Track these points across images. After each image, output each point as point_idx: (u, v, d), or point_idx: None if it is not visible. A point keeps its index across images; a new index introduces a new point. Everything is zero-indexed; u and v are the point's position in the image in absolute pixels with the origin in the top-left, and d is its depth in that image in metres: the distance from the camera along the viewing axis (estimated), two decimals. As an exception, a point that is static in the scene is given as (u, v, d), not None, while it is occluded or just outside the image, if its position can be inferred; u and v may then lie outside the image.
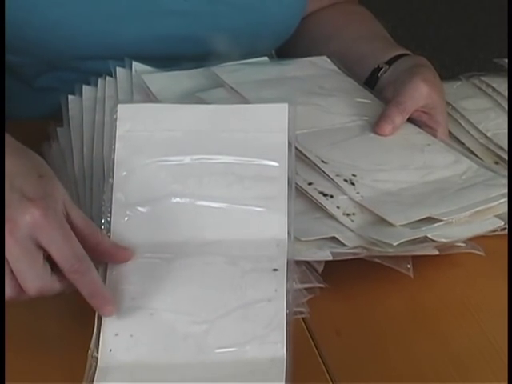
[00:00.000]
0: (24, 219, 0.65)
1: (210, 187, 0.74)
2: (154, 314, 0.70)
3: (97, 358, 0.68)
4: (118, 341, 0.68)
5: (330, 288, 0.76)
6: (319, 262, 0.77)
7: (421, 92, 0.92)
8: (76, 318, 0.73)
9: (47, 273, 0.66)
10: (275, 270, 0.71)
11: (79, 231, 0.68)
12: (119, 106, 0.75)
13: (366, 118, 0.93)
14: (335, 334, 0.75)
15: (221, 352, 0.69)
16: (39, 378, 0.69)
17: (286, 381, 0.66)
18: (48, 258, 0.66)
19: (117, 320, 0.69)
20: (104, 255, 0.70)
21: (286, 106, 0.77)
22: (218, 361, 0.68)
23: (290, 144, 0.76)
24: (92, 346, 0.68)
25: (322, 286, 0.76)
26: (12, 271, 0.65)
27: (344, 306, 0.77)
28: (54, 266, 0.67)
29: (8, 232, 0.64)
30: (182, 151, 0.75)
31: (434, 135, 0.93)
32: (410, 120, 0.94)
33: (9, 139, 0.70)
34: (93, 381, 0.66)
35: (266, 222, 0.73)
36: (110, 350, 0.68)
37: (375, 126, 0.91)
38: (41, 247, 0.66)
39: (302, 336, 0.74)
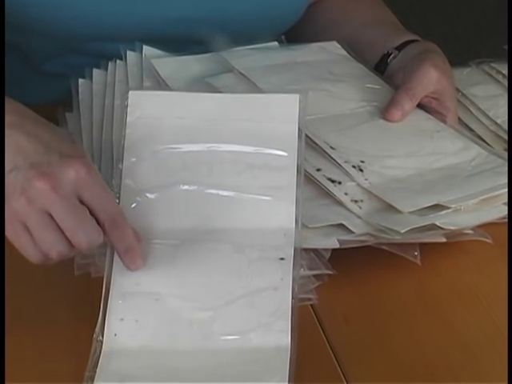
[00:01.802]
0: (67, 176, 0.65)
1: (220, 175, 0.74)
2: (159, 300, 0.69)
3: (101, 342, 0.68)
4: (123, 326, 0.68)
5: (338, 275, 0.75)
6: (326, 248, 0.76)
7: (430, 78, 0.91)
8: (82, 303, 0.73)
9: (95, 225, 0.66)
10: (282, 259, 0.71)
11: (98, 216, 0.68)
12: (130, 92, 0.75)
13: (375, 103, 0.92)
14: (343, 321, 0.74)
15: (225, 339, 0.68)
16: (44, 361, 0.69)
17: (290, 370, 0.65)
18: None
19: (122, 305, 0.69)
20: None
21: (297, 96, 0.76)
22: (222, 348, 0.68)
23: (300, 133, 0.75)
24: (97, 330, 0.68)
25: (330, 272, 0.75)
26: (58, 229, 0.65)
27: (352, 292, 0.77)
28: None
29: (51, 189, 0.64)
30: (193, 139, 0.74)
31: (444, 121, 0.92)
32: (420, 106, 0.93)
33: (33, 113, 0.70)
34: (97, 365, 0.66)
35: (274, 211, 0.73)
36: (115, 335, 0.68)
37: (384, 111, 0.90)
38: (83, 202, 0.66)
39: (311, 322, 0.73)
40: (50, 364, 0.69)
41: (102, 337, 0.68)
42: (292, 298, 0.69)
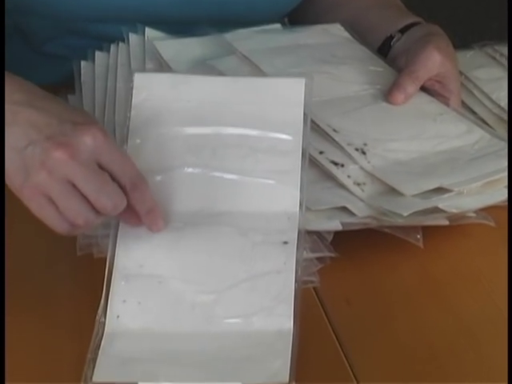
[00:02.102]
0: (85, 143, 0.65)
1: (224, 159, 0.73)
2: (162, 282, 0.69)
3: (104, 323, 0.67)
4: (125, 307, 0.68)
5: (341, 258, 0.75)
6: (329, 231, 0.76)
7: (434, 61, 0.91)
8: (84, 284, 0.73)
9: (118, 189, 0.66)
10: (285, 242, 0.71)
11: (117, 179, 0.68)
12: (136, 74, 0.75)
13: (378, 86, 0.92)
14: (345, 303, 0.74)
15: (228, 323, 0.68)
16: (46, 342, 0.69)
17: (292, 353, 0.65)
18: None
19: (125, 287, 0.69)
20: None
21: (303, 80, 0.76)
22: (224, 331, 0.68)
23: (305, 116, 0.75)
24: (100, 311, 0.68)
25: (332, 255, 0.75)
26: (82, 196, 0.65)
27: (354, 275, 0.77)
28: None
29: (70, 157, 0.64)
30: (198, 122, 0.74)
31: (447, 104, 0.92)
32: (423, 89, 0.92)
33: (39, 89, 0.70)
34: (99, 347, 0.66)
35: (278, 195, 0.72)
36: (118, 317, 0.68)
37: (387, 94, 0.90)
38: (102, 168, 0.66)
39: (313, 305, 0.73)
40: (52, 345, 0.68)
41: (105, 319, 0.68)
42: (295, 282, 0.69)
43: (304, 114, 0.75)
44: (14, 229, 0.66)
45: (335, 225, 0.76)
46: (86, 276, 0.73)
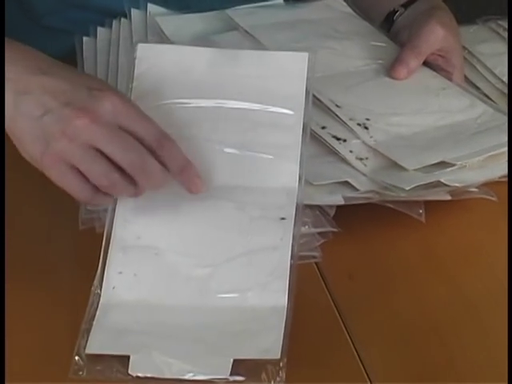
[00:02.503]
0: (104, 107, 0.64)
1: (225, 132, 0.73)
2: (158, 254, 0.69)
3: (99, 294, 0.67)
4: (121, 279, 0.68)
5: (343, 232, 0.75)
6: (331, 206, 0.76)
7: (437, 35, 0.91)
8: (86, 258, 0.72)
9: (143, 148, 0.65)
10: (283, 218, 0.70)
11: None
12: (139, 45, 0.75)
13: (380, 61, 0.91)
14: (347, 278, 0.74)
15: (223, 297, 0.68)
16: (43, 312, 0.69)
17: (285, 330, 0.65)
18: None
19: (122, 258, 0.69)
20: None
21: (306, 54, 0.75)
22: (219, 305, 0.67)
23: (307, 91, 0.74)
24: (95, 282, 0.68)
25: (334, 230, 0.75)
26: (107, 158, 0.64)
27: (356, 250, 0.76)
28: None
29: (91, 122, 0.64)
30: (199, 94, 0.74)
31: (450, 79, 0.92)
32: (426, 64, 0.92)
33: (47, 56, 0.70)
34: (94, 317, 0.66)
35: (278, 170, 0.72)
36: (113, 288, 0.68)
37: (390, 69, 0.90)
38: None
39: (315, 280, 0.73)
40: (49, 316, 0.69)
41: (100, 290, 0.67)
42: (291, 259, 0.69)
43: (306, 88, 0.74)
44: (15, 205, 0.66)
45: (337, 199, 0.76)
46: (87, 251, 0.72)
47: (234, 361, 0.63)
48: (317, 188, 0.76)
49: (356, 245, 0.77)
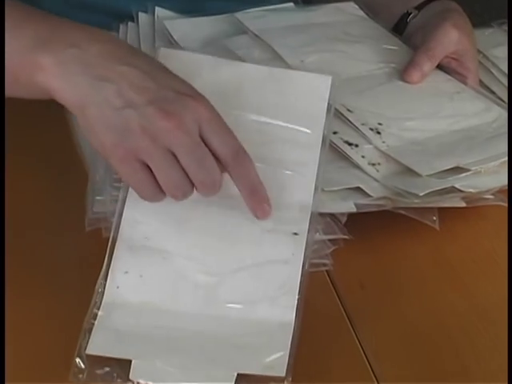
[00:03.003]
0: (189, 112, 0.63)
1: (243, 143, 0.71)
2: (166, 258, 0.68)
3: (103, 293, 0.66)
4: (126, 279, 0.67)
5: (354, 240, 0.74)
6: (342, 213, 0.75)
7: (451, 38, 0.90)
8: (92, 261, 0.71)
9: (216, 165, 0.65)
10: (295, 234, 0.70)
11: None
12: (162, 49, 0.74)
13: (393, 65, 0.91)
14: (359, 287, 0.73)
15: (230, 307, 0.67)
16: (44, 314, 0.68)
17: (291, 346, 0.64)
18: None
19: (128, 257, 0.68)
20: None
21: (329, 78, 0.75)
22: (225, 315, 0.67)
23: (329, 110, 0.74)
24: (99, 281, 0.67)
25: (346, 237, 0.74)
26: (182, 169, 0.64)
27: (368, 258, 0.76)
28: None
29: (175, 127, 0.62)
30: (220, 104, 0.72)
31: (464, 82, 0.91)
32: (440, 67, 0.91)
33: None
34: (96, 316, 0.65)
35: (293, 185, 0.71)
36: (118, 287, 0.67)
37: (403, 73, 0.89)
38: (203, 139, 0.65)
39: (326, 289, 0.72)
40: (51, 317, 0.68)
41: (104, 288, 0.67)
42: (301, 275, 0.68)
43: (328, 106, 0.74)
44: (17, 205, 0.65)
45: (349, 206, 0.75)
46: (92, 252, 0.71)
47: (238, 375, 0.62)
48: (328, 194, 0.75)
49: (368, 253, 0.76)
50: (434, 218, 0.76)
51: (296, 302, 0.67)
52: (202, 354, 0.64)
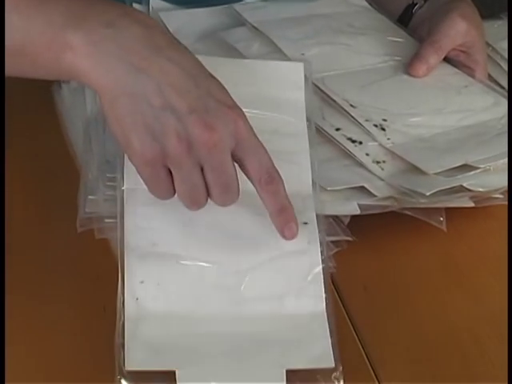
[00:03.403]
0: (228, 127, 0.63)
1: None
2: (180, 262, 0.68)
3: (123, 307, 0.66)
4: (144, 289, 0.67)
5: (358, 241, 0.74)
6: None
7: (458, 29, 0.90)
8: (86, 263, 0.72)
9: (238, 186, 0.65)
10: (305, 223, 0.70)
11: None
12: None
13: (398, 58, 0.91)
14: (362, 290, 0.73)
15: (256, 304, 0.67)
16: (45, 321, 0.68)
17: (332, 336, 0.65)
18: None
19: (140, 266, 0.67)
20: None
21: (301, 64, 0.77)
22: (254, 314, 0.67)
23: (308, 91, 0.75)
24: (119, 295, 0.66)
25: (349, 239, 0.74)
26: (205, 185, 0.64)
27: (372, 260, 0.75)
28: None
29: (214, 144, 0.62)
30: None
31: (472, 76, 0.91)
32: (447, 60, 0.91)
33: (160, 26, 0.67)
34: (123, 332, 0.64)
35: (290, 176, 0.70)
36: (137, 299, 0.66)
37: (408, 66, 0.89)
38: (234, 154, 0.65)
39: (328, 291, 0.71)
40: (51, 324, 0.68)
41: (123, 302, 0.66)
42: (322, 263, 0.69)
43: (305, 93, 0.75)
44: (8, 203, 0.65)
45: (353, 208, 0.75)
46: (85, 257, 0.72)
47: (287, 371, 0.63)
48: (331, 194, 0.75)
49: (372, 254, 0.76)
50: (441, 219, 0.76)
51: (323, 290, 0.67)
52: (243, 355, 0.64)
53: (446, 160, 0.78)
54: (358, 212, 0.74)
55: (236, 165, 0.65)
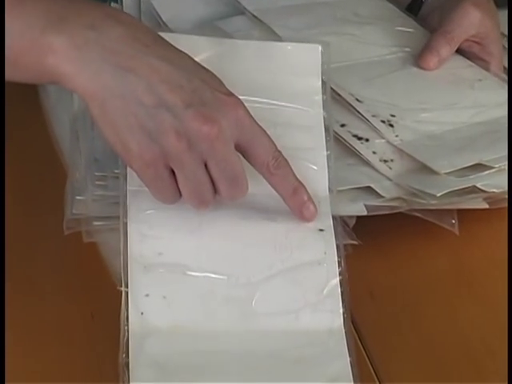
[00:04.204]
0: (229, 118, 0.64)
1: None
2: (187, 273, 0.68)
3: (127, 322, 0.65)
4: (149, 303, 0.66)
5: (364, 245, 0.74)
6: (351, 215, 0.75)
7: (471, 18, 0.90)
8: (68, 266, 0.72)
9: (246, 178, 0.66)
10: (321, 230, 0.70)
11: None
12: None
13: (407, 49, 0.91)
14: (369, 297, 0.73)
15: (268, 319, 0.67)
16: (35, 324, 0.69)
17: (351, 355, 0.65)
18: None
19: (145, 278, 0.67)
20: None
21: (318, 46, 0.75)
22: (267, 330, 0.66)
23: (324, 85, 0.74)
24: (122, 309, 0.66)
25: (354, 242, 0.74)
26: (211, 181, 0.65)
27: (379, 265, 0.76)
28: None
29: (215, 137, 0.63)
30: None
31: (487, 69, 0.92)
32: (459, 51, 0.92)
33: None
34: (128, 350, 0.64)
35: (304, 176, 0.71)
36: (142, 314, 0.66)
37: (418, 58, 0.90)
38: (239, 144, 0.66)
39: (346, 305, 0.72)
40: (35, 334, 0.68)
41: (127, 317, 0.66)
42: (339, 275, 0.69)
43: (323, 82, 0.74)
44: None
45: (359, 208, 0.75)
46: (73, 261, 0.73)
47: None
48: (336, 194, 0.74)
49: (378, 259, 0.76)
50: (453, 221, 0.76)
51: (341, 304, 0.67)
52: (255, 374, 0.64)
53: (458, 159, 0.78)
54: (364, 213, 0.75)
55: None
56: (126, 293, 0.66)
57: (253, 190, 0.69)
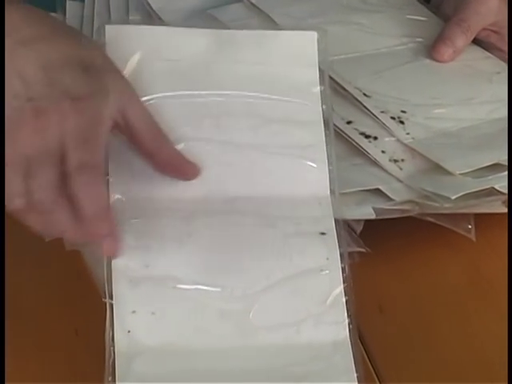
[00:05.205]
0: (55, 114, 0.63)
1: (230, 131, 0.72)
2: (177, 286, 0.68)
3: (113, 341, 0.65)
4: (136, 320, 0.66)
5: (372, 253, 0.74)
6: (358, 220, 0.75)
7: (489, 6, 0.90)
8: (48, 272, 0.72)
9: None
10: (322, 233, 0.70)
11: (139, 134, 0.67)
12: (107, 27, 0.73)
13: (419, 39, 0.92)
14: (377, 310, 0.74)
15: (268, 334, 0.67)
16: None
17: (358, 370, 0.65)
18: None
19: (131, 293, 0.67)
20: (167, 165, 0.69)
21: (314, 34, 0.75)
22: (265, 345, 0.67)
23: (322, 75, 0.74)
24: (107, 328, 0.66)
25: (361, 250, 0.74)
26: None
27: (388, 275, 0.76)
28: None
29: (33, 131, 0.62)
30: (191, 86, 0.73)
31: (506, 60, 0.91)
32: (476, 42, 0.92)
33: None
34: (114, 372, 0.64)
35: (303, 175, 0.72)
36: (129, 332, 0.66)
37: (432, 49, 0.90)
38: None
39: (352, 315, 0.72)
40: (17, 352, 0.68)
41: (113, 335, 0.66)
42: (344, 282, 0.69)
43: (320, 71, 0.74)
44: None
45: (367, 211, 0.75)
46: (55, 271, 0.73)
47: None
48: (341, 197, 0.75)
49: (388, 269, 0.76)
50: (470, 227, 0.77)
51: (346, 315, 0.67)
52: None
53: (475, 158, 0.78)
54: (373, 216, 0.75)
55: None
56: (111, 306, 0.66)
57: (245, 193, 0.70)
